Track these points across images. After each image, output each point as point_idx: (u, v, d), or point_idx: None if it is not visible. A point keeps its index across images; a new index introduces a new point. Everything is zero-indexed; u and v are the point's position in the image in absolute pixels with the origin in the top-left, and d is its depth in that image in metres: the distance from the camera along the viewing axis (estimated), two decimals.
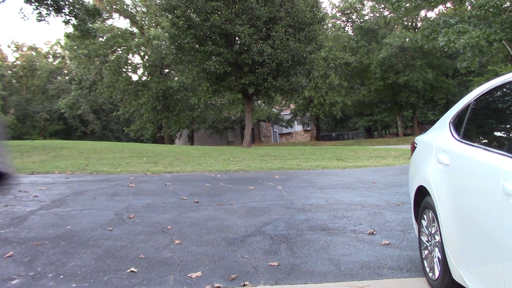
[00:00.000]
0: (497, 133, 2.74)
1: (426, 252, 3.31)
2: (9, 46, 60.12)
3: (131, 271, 3.56)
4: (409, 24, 40.17)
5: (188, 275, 3.47)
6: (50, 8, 17.64)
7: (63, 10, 17.83)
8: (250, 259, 3.86)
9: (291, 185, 7.94)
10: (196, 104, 33.57)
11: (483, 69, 29.92)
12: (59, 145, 16.59)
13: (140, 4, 36.77)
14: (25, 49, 56.05)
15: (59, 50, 53.25)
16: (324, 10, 23.78)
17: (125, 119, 41.25)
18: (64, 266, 3.67)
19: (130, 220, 5.20)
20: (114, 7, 35.81)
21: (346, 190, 7.19)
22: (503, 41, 18.38)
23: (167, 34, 22.30)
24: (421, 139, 3.82)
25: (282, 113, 44.88)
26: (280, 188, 7.50)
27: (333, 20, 42.25)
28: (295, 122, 48.69)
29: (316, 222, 5.07)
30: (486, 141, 2.79)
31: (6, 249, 4.10)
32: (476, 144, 2.70)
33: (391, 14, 34.81)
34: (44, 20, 17.97)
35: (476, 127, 3.02)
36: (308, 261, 3.77)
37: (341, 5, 42.04)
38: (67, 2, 17.66)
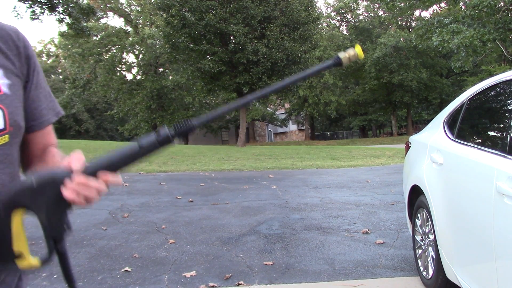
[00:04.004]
0: (491, 133, 2.75)
1: (420, 251, 3.32)
2: None
3: (125, 270, 3.55)
4: (404, 23, 40.31)
5: (183, 275, 3.46)
6: (44, 7, 17.53)
7: (57, 9, 17.72)
8: (245, 258, 3.85)
9: (286, 184, 7.94)
10: (190, 103, 33.56)
11: (477, 69, 30.03)
12: None
13: (134, 3, 36.67)
14: None
15: (53, 49, 52.88)
16: (319, 10, 23.92)
17: (119, 118, 41.10)
18: (57, 266, 3.63)
19: (124, 220, 5.18)
20: (108, 5, 35.67)
21: (341, 189, 7.20)
22: (496, 41, 18.48)
23: (161, 33, 22.30)
24: (415, 139, 3.83)
25: (276, 113, 44.89)
26: (274, 187, 7.50)
27: (328, 19, 42.39)
28: (290, 122, 48.65)
29: (311, 221, 5.08)
30: (480, 140, 2.80)
31: None
32: (470, 144, 2.70)
33: (386, 14, 34.98)
34: (37, 18, 17.88)
35: (470, 127, 3.03)
36: (302, 260, 3.77)
37: (336, 5, 42.16)
38: (61, 1, 17.55)
